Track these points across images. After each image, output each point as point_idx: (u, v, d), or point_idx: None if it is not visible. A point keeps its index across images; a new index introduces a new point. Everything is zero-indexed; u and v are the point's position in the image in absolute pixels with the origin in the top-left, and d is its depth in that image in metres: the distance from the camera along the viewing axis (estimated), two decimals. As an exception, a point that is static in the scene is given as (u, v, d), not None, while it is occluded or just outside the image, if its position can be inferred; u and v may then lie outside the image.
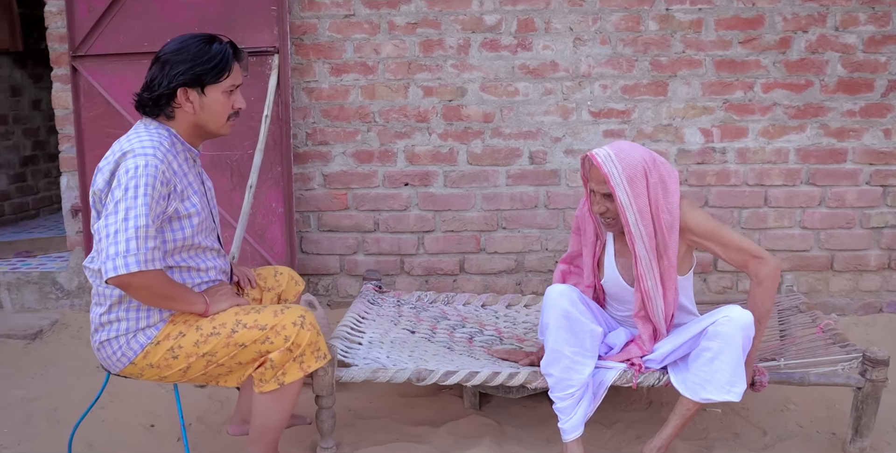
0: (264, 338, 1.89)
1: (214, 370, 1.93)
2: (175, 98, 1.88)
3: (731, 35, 3.15)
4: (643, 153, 2.05)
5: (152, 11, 3.26)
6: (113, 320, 1.90)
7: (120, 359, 1.92)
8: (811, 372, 2.23)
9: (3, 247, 4.24)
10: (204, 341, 1.89)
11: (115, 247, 1.72)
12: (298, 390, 2.01)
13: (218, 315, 1.92)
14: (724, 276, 3.35)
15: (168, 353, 1.90)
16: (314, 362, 1.97)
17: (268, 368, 1.91)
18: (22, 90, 5.18)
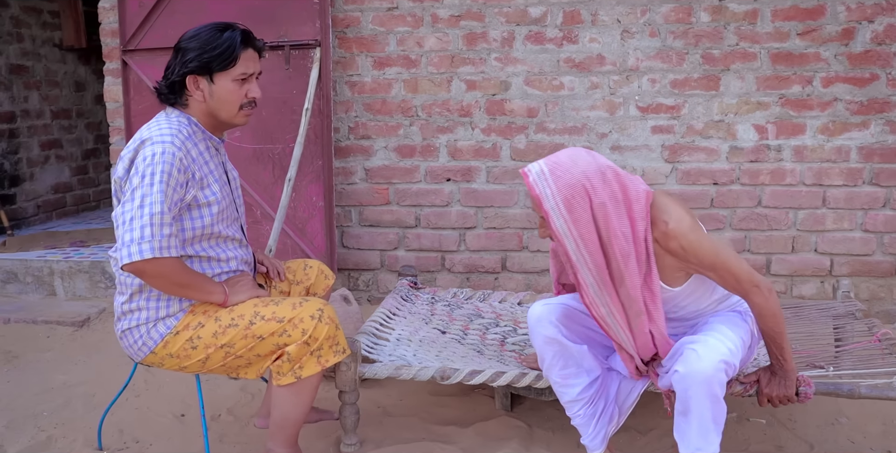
0: (282, 330, 1.87)
1: (233, 361, 1.92)
2: (187, 86, 1.87)
3: (788, 26, 2.99)
4: (587, 167, 1.67)
5: (198, 6, 3.30)
6: (134, 309, 1.91)
7: (141, 348, 1.93)
8: (862, 384, 2.08)
9: (60, 237, 4.38)
10: (222, 332, 1.87)
11: (131, 234, 1.72)
12: (317, 384, 1.98)
13: (237, 306, 1.91)
14: (779, 280, 3.19)
15: (187, 344, 1.89)
16: (332, 356, 1.93)
17: (285, 361, 1.89)
18: (85, 85, 5.35)
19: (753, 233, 3.16)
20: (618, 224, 1.69)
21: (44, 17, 4.95)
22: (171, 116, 1.90)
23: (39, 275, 3.89)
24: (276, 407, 1.98)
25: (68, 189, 5.22)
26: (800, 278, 3.17)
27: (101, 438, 2.39)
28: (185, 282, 1.82)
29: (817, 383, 2.08)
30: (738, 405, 2.55)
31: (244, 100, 1.92)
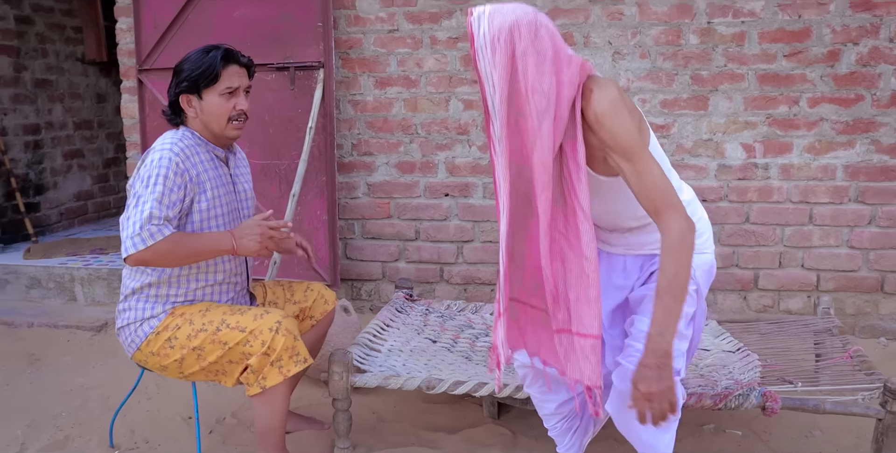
0: (244, 340, 2.01)
1: (210, 367, 2.07)
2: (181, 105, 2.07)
3: (775, 48, 3.08)
4: (524, 17, 1.59)
5: (210, 27, 3.46)
6: (126, 309, 2.11)
7: (130, 345, 2.12)
8: (828, 400, 2.18)
9: (81, 244, 4.57)
10: (195, 335, 2.03)
11: (126, 232, 1.91)
12: (285, 393, 2.11)
13: (208, 312, 2.07)
14: (766, 295, 3.28)
15: (166, 343, 2.06)
16: (293, 366, 2.05)
17: (250, 373, 2.03)
18: (106, 97, 5.56)
19: (741, 249, 3.25)
20: (538, 79, 1.60)
21: (67, 33, 5.16)
22: (176, 132, 2.09)
23: (61, 282, 4.08)
24: (255, 418, 2.13)
25: (90, 197, 5.43)
26: (787, 293, 3.26)
27: (112, 438, 2.56)
28: (189, 253, 1.97)
29: (784, 398, 2.18)
30: (716, 416, 2.65)
31: (232, 112, 2.08)
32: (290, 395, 2.16)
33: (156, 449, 2.53)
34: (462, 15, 3.30)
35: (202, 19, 3.47)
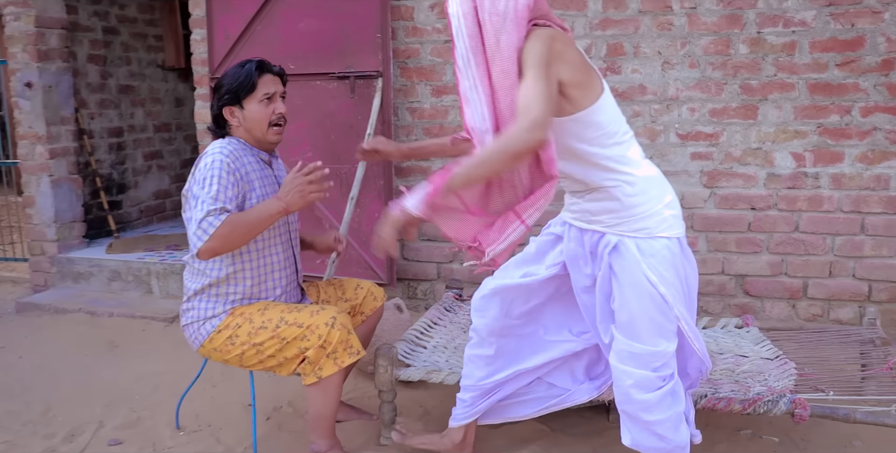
0: (302, 335, 2.18)
1: (268, 360, 2.25)
2: (225, 117, 2.28)
3: (827, 57, 3.08)
4: None
5: (275, 38, 3.67)
6: (189, 308, 2.32)
7: (194, 342, 2.33)
8: (860, 410, 2.20)
9: (158, 241, 4.88)
10: (255, 333, 2.22)
11: (190, 231, 2.12)
12: (338, 383, 2.28)
13: (267, 311, 2.25)
14: (815, 304, 3.28)
15: (227, 340, 2.25)
16: (347, 358, 2.22)
17: (307, 364, 2.20)
18: (184, 101, 5.88)
19: (790, 258, 3.26)
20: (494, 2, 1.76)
21: (149, 41, 5.50)
22: (223, 140, 2.30)
23: (139, 275, 4.38)
24: (309, 405, 2.30)
25: (167, 195, 5.77)
26: (837, 302, 3.25)
27: (178, 420, 2.79)
28: (248, 227, 2.14)
29: (814, 406, 2.22)
30: (754, 422, 2.69)
31: (272, 116, 2.27)
32: (342, 385, 2.32)
33: (217, 433, 2.74)
34: (515, 26, 3.41)
35: (268, 31, 3.68)
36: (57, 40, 4.46)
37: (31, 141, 4.47)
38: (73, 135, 4.63)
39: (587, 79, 1.83)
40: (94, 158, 4.95)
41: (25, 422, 2.86)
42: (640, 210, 1.91)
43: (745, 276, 3.32)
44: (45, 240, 4.58)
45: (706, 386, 2.38)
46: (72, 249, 4.67)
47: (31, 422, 2.86)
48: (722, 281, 3.35)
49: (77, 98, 4.75)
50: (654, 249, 1.90)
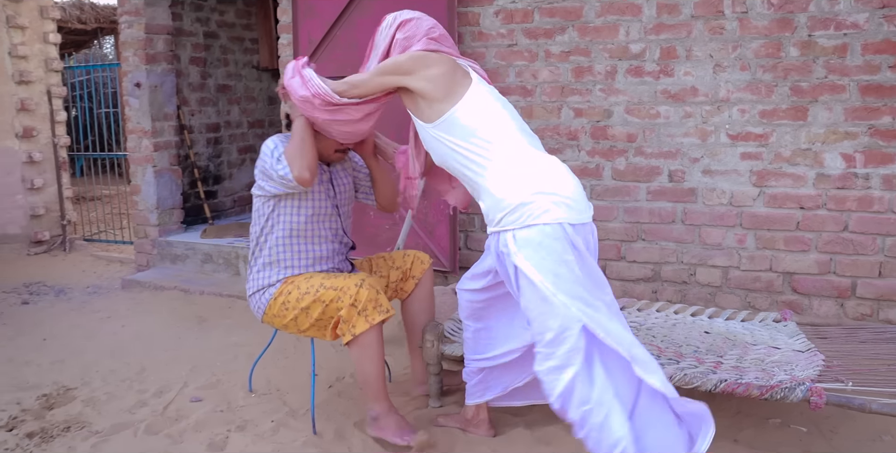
0: (337, 297, 2.46)
1: (317, 323, 2.54)
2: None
3: (879, 59, 3.12)
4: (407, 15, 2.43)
5: (354, 43, 3.98)
6: (252, 279, 2.68)
7: (258, 311, 2.66)
8: (876, 401, 2.28)
9: (245, 228, 5.31)
10: (301, 298, 2.52)
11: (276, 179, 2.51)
12: (375, 341, 2.48)
13: (311, 279, 2.56)
14: (864, 303, 3.31)
15: (282, 307, 2.56)
16: (377, 315, 2.45)
17: (342, 324, 2.47)
18: (276, 99, 6.32)
19: (839, 257, 3.31)
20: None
21: (245, 44, 5.96)
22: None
23: (228, 258, 4.81)
24: (355, 367, 2.56)
25: (258, 187, 6.22)
26: (886, 302, 3.28)
27: (251, 384, 3.14)
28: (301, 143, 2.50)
29: (831, 395, 2.31)
30: (785, 412, 2.79)
31: (337, 145, 2.60)
32: (381, 345, 2.53)
33: (283, 396, 3.06)
34: (574, 31, 3.60)
35: (348, 36, 4.00)
36: (163, 45, 4.94)
37: (139, 135, 4.97)
38: (174, 131, 5.11)
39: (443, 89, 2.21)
40: (193, 151, 5.43)
41: (123, 379, 3.28)
42: (507, 202, 2.06)
43: (793, 274, 3.39)
44: (147, 224, 5.08)
45: (731, 373, 2.51)
46: (171, 233, 5.16)
47: (128, 379, 3.27)
48: (770, 278, 3.43)
49: (179, 96, 5.23)
50: (529, 237, 2.01)
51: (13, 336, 3.93)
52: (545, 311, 2.03)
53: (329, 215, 2.69)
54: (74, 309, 4.44)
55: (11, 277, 5.17)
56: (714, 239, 3.51)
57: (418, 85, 2.23)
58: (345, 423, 2.78)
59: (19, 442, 2.69)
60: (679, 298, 3.62)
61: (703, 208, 3.51)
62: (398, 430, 2.50)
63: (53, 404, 3.03)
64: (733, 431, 2.68)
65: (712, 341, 2.87)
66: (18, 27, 5.42)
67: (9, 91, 5.44)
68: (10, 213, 5.53)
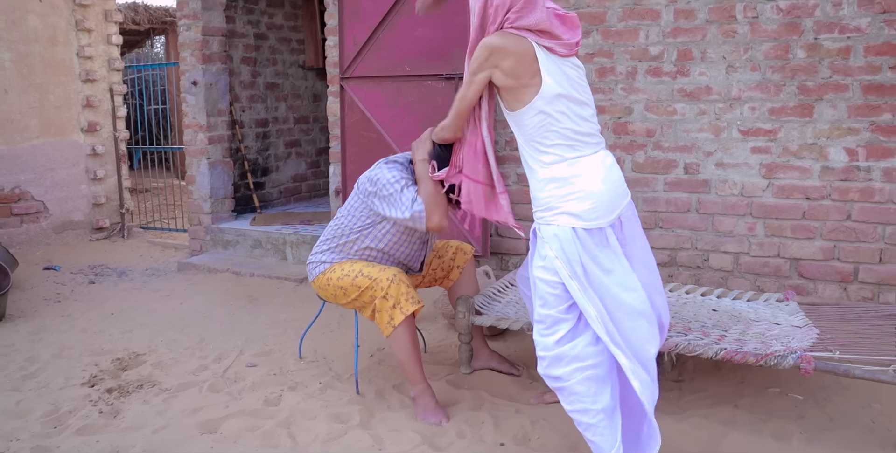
0: (370, 286, 2.79)
1: (352, 302, 2.88)
2: None
3: (880, 61, 3.36)
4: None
5: (395, 45, 4.33)
6: (316, 251, 3.03)
7: (309, 276, 3.04)
8: (859, 368, 2.54)
9: (293, 217, 5.69)
10: (341, 279, 2.86)
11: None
12: (408, 331, 2.79)
13: (355, 264, 2.88)
14: (865, 287, 3.55)
15: (326, 282, 2.92)
16: (410, 306, 2.77)
17: (378, 314, 2.80)
18: (321, 97, 6.70)
19: (842, 244, 3.56)
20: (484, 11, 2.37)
21: (292, 45, 6.34)
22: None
23: (276, 244, 5.19)
24: (394, 355, 2.91)
25: (304, 179, 6.61)
26: (886, 286, 3.51)
27: (300, 352, 3.50)
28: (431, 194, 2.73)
29: (819, 362, 2.58)
30: (784, 382, 3.06)
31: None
32: (414, 334, 2.86)
33: (330, 363, 3.42)
34: (598, 34, 3.89)
35: (389, 38, 4.34)
36: (218, 46, 5.34)
37: (195, 129, 5.38)
38: (227, 125, 5.51)
39: (517, 85, 2.29)
40: (244, 145, 5.83)
41: (186, 347, 3.66)
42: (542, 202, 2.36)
43: (800, 260, 3.64)
44: (201, 212, 5.49)
45: (733, 344, 2.79)
46: (222, 221, 5.56)
47: (190, 348, 3.66)
48: (777, 263, 3.69)
49: (231, 94, 5.63)
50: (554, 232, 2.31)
51: (85, 310, 4.36)
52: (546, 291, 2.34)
53: (415, 241, 2.99)
54: (136, 288, 4.86)
55: (77, 260, 5.63)
56: (726, 227, 3.78)
57: (501, 81, 2.34)
58: (384, 386, 3.12)
59: (101, 396, 3.09)
60: (693, 282, 3.89)
61: (716, 198, 3.78)
62: (425, 411, 2.83)
63: (126, 366, 3.42)
64: (734, 398, 2.96)
65: (718, 317, 3.14)
66: (86, 30, 5.88)
67: (76, 89, 5.89)
68: (75, 202, 5.99)
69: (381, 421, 2.80)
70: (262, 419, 2.83)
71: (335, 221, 3.00)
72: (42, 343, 3.77)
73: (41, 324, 4.08)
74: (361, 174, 2.99)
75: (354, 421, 2.79)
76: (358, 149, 4.59)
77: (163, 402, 3.01)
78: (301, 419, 2.83)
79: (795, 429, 2.69)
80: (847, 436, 2.65)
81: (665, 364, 3.13)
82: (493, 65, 2.31)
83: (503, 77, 2.32)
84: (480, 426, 2.74)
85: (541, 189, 2.36)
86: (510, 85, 2.32)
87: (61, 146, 5.83)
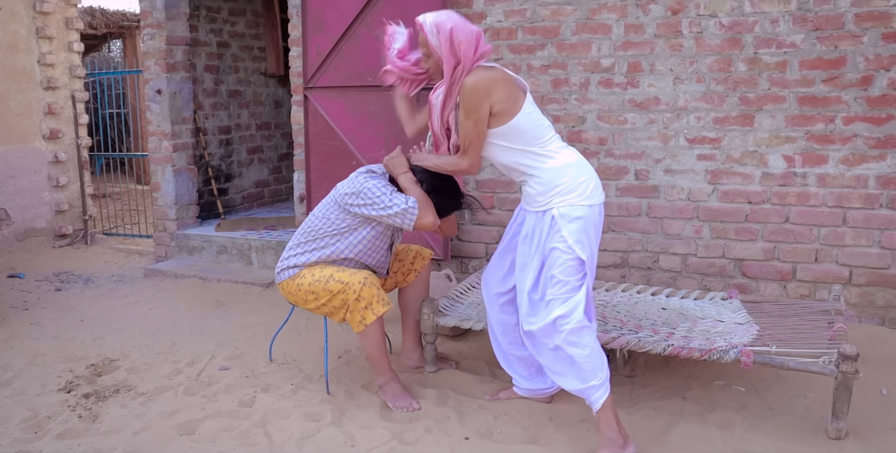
0: (342, 289, 2.93)
1: (323, 307, 3.02)
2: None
3: (814, 74, 3.62)
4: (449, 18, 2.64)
5: (358, 56, 4.46)
6: (286, 255, 3.14)
7: (278, 279, 3.15)
8: (793, 360, 2.77)
9: (257, 222, 5.78)
10: (313, 283, 2.99)
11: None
12: (378, 328, 2.98)
13: (325, 269, 3.01)
14: (803, 285, 3.81)
15: (296, 287, 3.04)
16: (381, 307, 2.94)
17: (351, 314, 2.95)
18: (282, 103, 6.80)
19: (781, 245, 3.81)
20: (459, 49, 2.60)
21: (254, 52, 6.43)
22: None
23: (242, 249, 5.28)
24: (364, 349, 3.05)
25: (266, 185, 6.70)
26: (822, 284, 3.78)
27: (271, 354, 3.62)
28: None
29: (758, 356, 2.80)
30: (727, 375, 3.29)
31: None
32: (383, 330, 3.03)
33: (299, 365, 3.54)
34: (552, 47, 4.09)
35: (352, 50, 4.48)
36: (181, 54, 5.41)
37: (159, 137, 5.44)
38: (191, 133, 5.58)
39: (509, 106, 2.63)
40: (207, 152, 5.90)
41: (158, 352, 3.75)
42: (561, 188, 2.64)
43: (743, 260, 3.89)
44: (166, 218, 5.55)
45: (680, 341, 3.01)
46: (187, 227, 5.63)
47: (162, 352, 3.75)
48: (722, 263, 3.93)
49: (195, 101, 5.70)
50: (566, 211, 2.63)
51: (54, 317, 4.41)
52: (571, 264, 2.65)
53: (383, 249, 3.16)
54: (104, 295, 4.91)
55: (41, 267, 5.64)
56: (674, 230, 4.00)
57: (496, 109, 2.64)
58: (353, 386, 3.26)
59: (78, 401, 3.17)
60: (644, 282, 4.11)
61: (665, 203, 4.00)
62: (394, 397, 3.03)
63: (101, 372, 3.51)
64: (682, 390, 3.18)
65: (667, 316, 3.36)
66: (47, 37, 5.88)
67: (37, 96, 5.90)
68: (38, 209, 5.99)
69: (352, 419, 2.94)
70: (237, 419, 2.95)
71: (306, 226, 3.12)
72: (13, 351, 3.82)
73: (10, 332, 4.12)
74: (335, 182, 3.13)
75: (326, 420, 2.93)
76: (322, 156, 4.71)
77: (140, 406, 3.11)
78: (275, 418, 2.95)
79: (738, 418, 2.91)
80: (784, 423, 2.87)
81: (617, 360, 3.34)
82: (488, 100, 2.62)
83: (499, 104, 2.62)
84: (446, 421, 2.90)
85: (559, 176, 2.66)
86: (506, 108, 2.63)
87: (23, 153, 5.83)
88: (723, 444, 2.72)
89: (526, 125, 2.66)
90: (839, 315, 3.18)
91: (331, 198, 3.08)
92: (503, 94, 2.62)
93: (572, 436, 2.77)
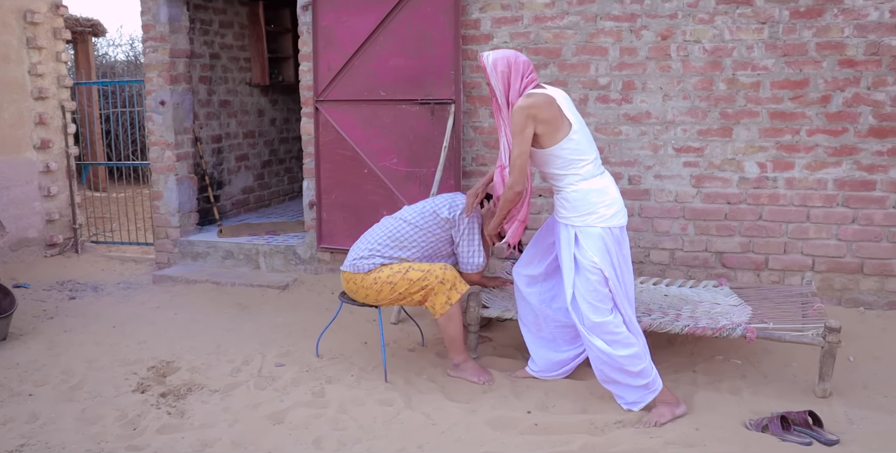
0: (423, 277, 3.37)
1: (398, 297, 3.44)
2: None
3: (782, 93, 4.24)
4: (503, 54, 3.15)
5: (370, 72, 4.83)
6: (369, 256, 3.54)
7: (357, 270, 3.52)
8: (788, 334, 3.35)
9: (256, 227, 6.03)
10: (392, 275, 3.41)
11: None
12: (458, 310, 3.43)
13: (402, 264, 3.46)
14: (774, 273, 4.44)
15: (372, 281, 3.45)
16: (464, 286, 3.42)
17: (434, 297, 3.37)
18: (264, 112, 7.04)
19: (756, 239, 4.43)
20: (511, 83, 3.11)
21: (240, 63, 6.65)
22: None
23: (249, 254, 5.54)
24: (443, 332, 3.48)
25: (251, 191, 6.94)
26: (789, 272, 4.42)
27: (318, 350, 3.96)
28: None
29: (760, 332, 3.36)
30: (725, 350, 3.85)
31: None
32: (461, 313, 3.49)
33: (349, 359, 3.89)
34: (554, 66, 4.57)
35: (364, 66, 4.84)
36: (183, 67, 5.61)
37: (162, 147, 5.63)
38: (191, 143, 5.79)
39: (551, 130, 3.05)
40: (204, 160, 6.10)
41: (209, 353, 4.02)
42: (581, 210, 3.11)
43: (723, 253, 4.49)
44: (169, 226, 5.74)
45: (689, 320, 3.54)
46: (189, 234, 5.84)
47: (213, 353, 4.02)
48: (705, 256, 4.52)
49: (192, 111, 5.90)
50: (590, 233, 3.09)
51: (84, 325, 4.58)
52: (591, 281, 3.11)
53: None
54: (120, 301, 5.08)
55: (40, 277, 5.73)
56: (663, 228, 4.57)
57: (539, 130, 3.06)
58: (408, 374, 3.65)
59: (157, 401, 3.43)
60: (637, 274, 4.66)
61: (655, 204, 4.56)
62: (475, 373, 3.50)
63: (165, 373, 3.76)
64: (691, 365, 3.72)
65: (670, 301, 3.90)
66: (37, 48, 5.94)
67: (29, 107, 5.95)
68: (30, 219, 6.05)
69: (422, 402, 3.34)
70: (318, 408, 3.30)
71: (395, 232, 3.55)
72: (64, 357, 4.00)
73: (50, 341, 4.28)
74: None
75: (399, 404, 3.31)
76: (332, 165, 5.05)
77: (221, 401, 3.40)
78: (352, 406, 3.32)
79: (743, 385, 3.47)
80: (780, 388, 3.45)
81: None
82: (532, 121, 3.02)
83: (543, 126, 3.03)
84: (504, 399, 3.34)
85: (582, 199, 3.10)
86: (549, 131, 3.01)
87: (16, 164, 5.89)
88: (737, 405, 3.27)
89: (562, 155, 3.08)
90: (814, 296, 3.80)
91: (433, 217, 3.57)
92: (546, 115, 3.04)
93: (616, 406, 3.26)
